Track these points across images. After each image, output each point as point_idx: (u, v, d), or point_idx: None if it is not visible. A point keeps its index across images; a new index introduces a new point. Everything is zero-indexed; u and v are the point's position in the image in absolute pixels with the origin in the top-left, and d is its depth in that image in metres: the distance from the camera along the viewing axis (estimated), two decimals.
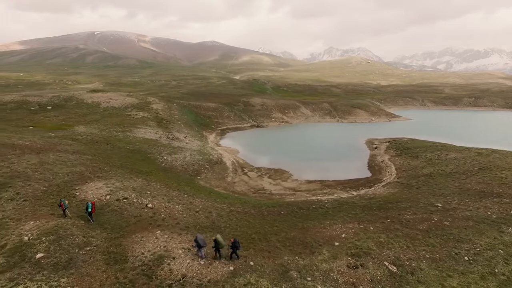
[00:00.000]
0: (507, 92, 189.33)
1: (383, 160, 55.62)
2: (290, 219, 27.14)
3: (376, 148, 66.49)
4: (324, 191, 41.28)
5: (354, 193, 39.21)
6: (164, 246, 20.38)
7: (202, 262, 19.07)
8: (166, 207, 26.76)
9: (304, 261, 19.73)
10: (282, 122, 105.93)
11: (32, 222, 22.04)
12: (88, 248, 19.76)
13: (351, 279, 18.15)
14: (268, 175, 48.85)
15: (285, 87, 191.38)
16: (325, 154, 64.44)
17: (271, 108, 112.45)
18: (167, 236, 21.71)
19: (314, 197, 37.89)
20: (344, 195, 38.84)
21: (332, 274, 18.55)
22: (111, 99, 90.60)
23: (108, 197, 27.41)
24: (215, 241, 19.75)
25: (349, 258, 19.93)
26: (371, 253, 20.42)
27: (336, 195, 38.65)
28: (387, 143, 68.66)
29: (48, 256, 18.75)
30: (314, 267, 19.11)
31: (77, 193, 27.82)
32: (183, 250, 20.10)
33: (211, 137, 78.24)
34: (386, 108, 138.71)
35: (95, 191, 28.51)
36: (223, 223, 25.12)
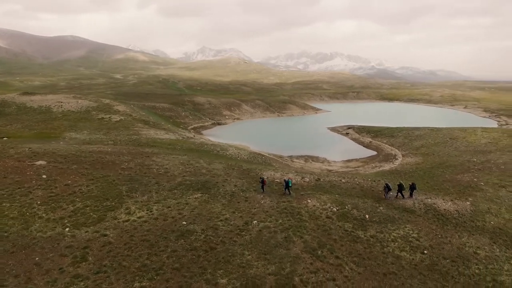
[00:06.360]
0: (370, 88, 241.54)
1: (371, 141, 71.08)
2: (423, 177, 37.42)
3: (347, 134, 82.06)
4: (372, 164, 52.82)
5: (396, 163, 52.10)
6: None
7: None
8: (353, 180, 32.84)
9: (490, 194, 30.46)
10: (234, 119, 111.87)
11: (309, 201, 25.43)
12: (381, 208, 25.40)
13: None
14: (311, 160, 56.87)
15: (198, 86, 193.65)
16: (314, 142, 75.85)
17: (218, 106, 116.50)
18: None
19: (379, 169, 48.87)
20: (391, 165, 51.22)
21: None
22: (61, 102, 78.14)
23: (306, 179, 31.41)
24: (400, 185, 28.48)
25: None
26: None
27: (388, 166, 50.67)
28: (350, 129, 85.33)
29: (372, 217, 23.78)
30: (501, 194, 30.16)
31: (276, 180, 30.69)
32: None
33: (198, 135, 78.81)
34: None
35: (284, 176, 31.74)
36: (396, 181, 33.14)
